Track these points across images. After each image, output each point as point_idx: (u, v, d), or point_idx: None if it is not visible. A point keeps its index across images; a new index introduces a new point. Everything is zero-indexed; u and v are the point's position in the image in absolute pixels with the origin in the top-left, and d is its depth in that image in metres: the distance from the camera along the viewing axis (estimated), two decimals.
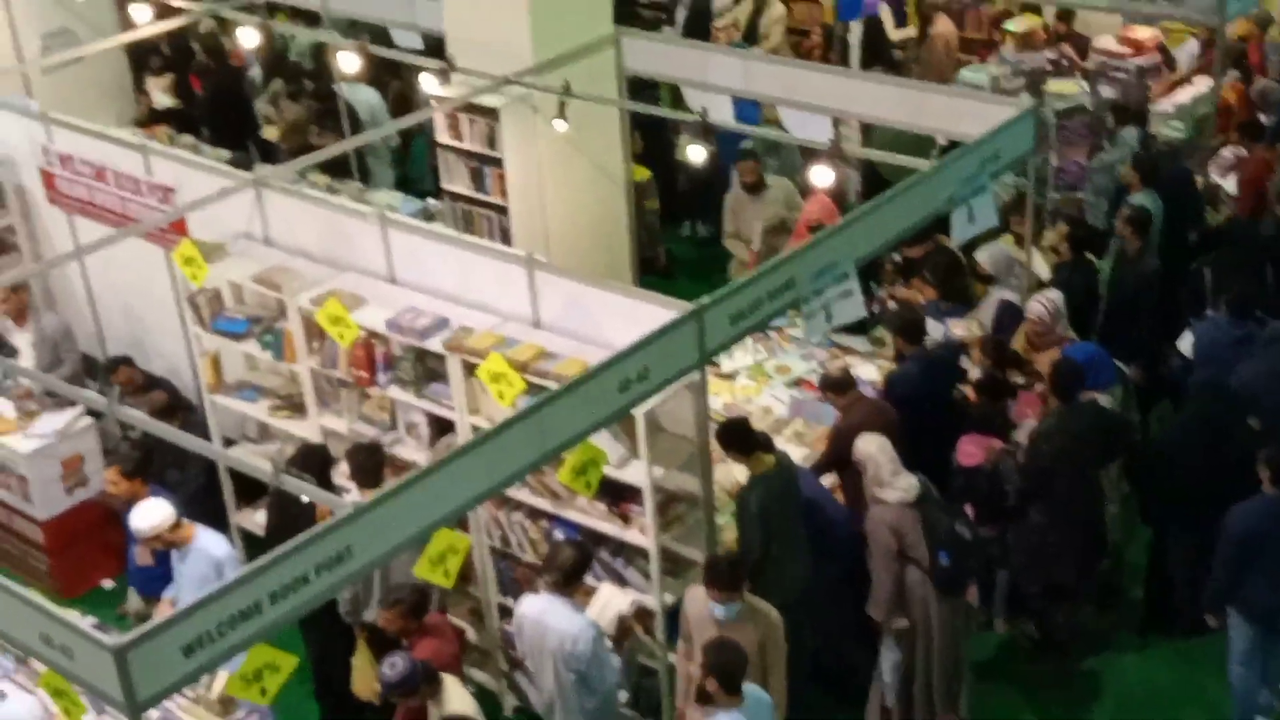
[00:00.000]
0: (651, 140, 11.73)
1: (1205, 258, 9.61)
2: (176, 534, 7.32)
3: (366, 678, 7.05)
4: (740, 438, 7.33)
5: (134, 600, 8.29)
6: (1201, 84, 11.59)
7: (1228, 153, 10.87)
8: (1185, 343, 8.98)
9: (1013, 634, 8.55)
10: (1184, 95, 11.57)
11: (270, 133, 12.75)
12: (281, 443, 8.55)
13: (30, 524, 9.26)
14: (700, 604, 6.67)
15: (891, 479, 7.41)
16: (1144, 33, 12.08)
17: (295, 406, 8.45)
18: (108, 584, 9.32)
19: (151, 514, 7.28)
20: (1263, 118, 10.98)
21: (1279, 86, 11.26)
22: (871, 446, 7.48)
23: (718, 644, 6.29)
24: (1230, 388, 8.31)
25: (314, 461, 7.61)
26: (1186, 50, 12.16)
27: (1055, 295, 8.82)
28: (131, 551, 8.00)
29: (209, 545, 7.35)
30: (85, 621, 5.55)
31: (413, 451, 7.95)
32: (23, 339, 9.77)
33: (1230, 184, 10.74)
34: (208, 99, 13.46)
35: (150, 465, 8.04)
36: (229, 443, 8.92)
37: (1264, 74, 11.73)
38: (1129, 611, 8.71)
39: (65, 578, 9.22)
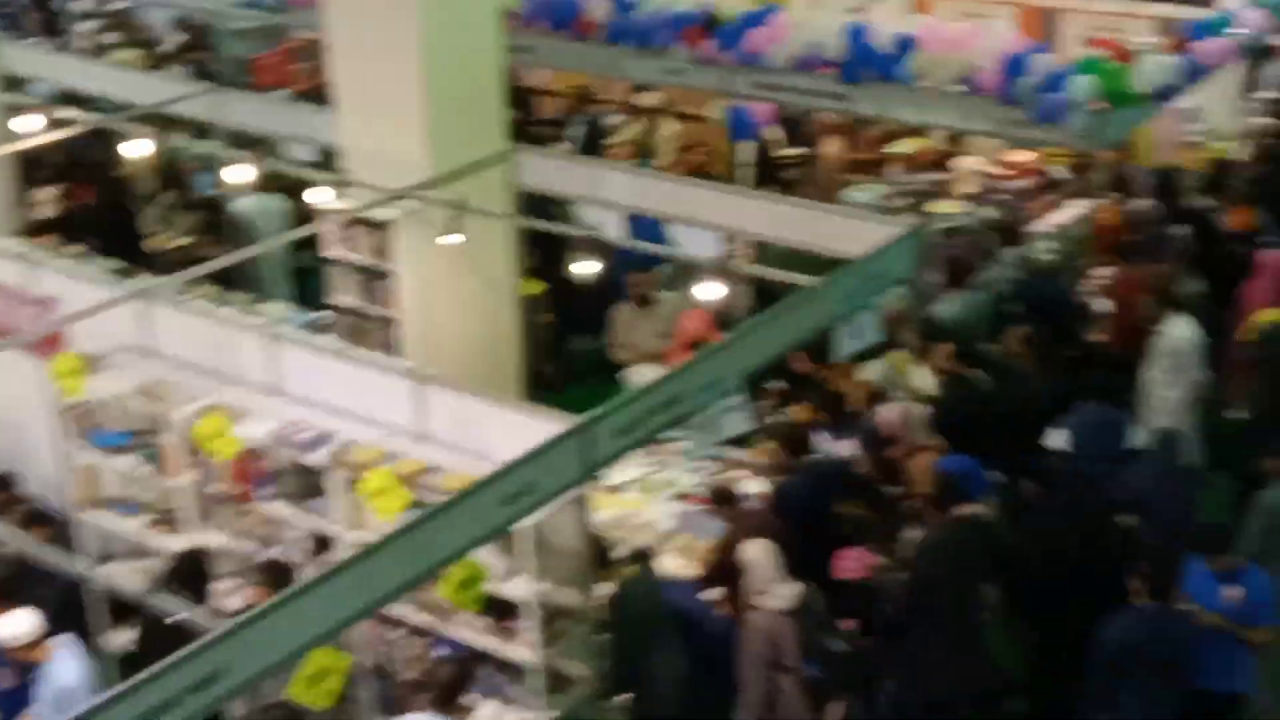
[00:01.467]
0: (547, 255, 11.73)
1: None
2: (32, 652, 7.08)
3: None
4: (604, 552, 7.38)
5: None
6: (1079, 205, 11.87)
7: (1103, 272, 11.07)
8: (1058, 437, 9.04)
9: None
10: (1062, 216, 11.84)
11: (159, 243, 12.64)
12: (158, 558, 8.32)
13: None
14: None
15: (771, 586, 7.43)
16: (1022, 156, 12.38)
17: (174, 521, 8.26)
18: None
19: (13, 624, 7.07)
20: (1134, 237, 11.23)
21: (1153, 208, 11.51)
22: (756, 552, 7.54)
23: None
24: (1102, 478, 8.49)
25: (191, 578, 7.47)
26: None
27: (911, 406, 8.92)
28: None
29: (59, 671, 7.09)
30: None
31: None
32: None
33: (1105, 303, 10.95)
34: (96, 209, 13.32)
35: (18, 582, 7.83)
36: (106, 558, 8.63)
37: (1133, 195, 12.00)
38: None
39: None
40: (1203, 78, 11.42)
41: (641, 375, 9.82)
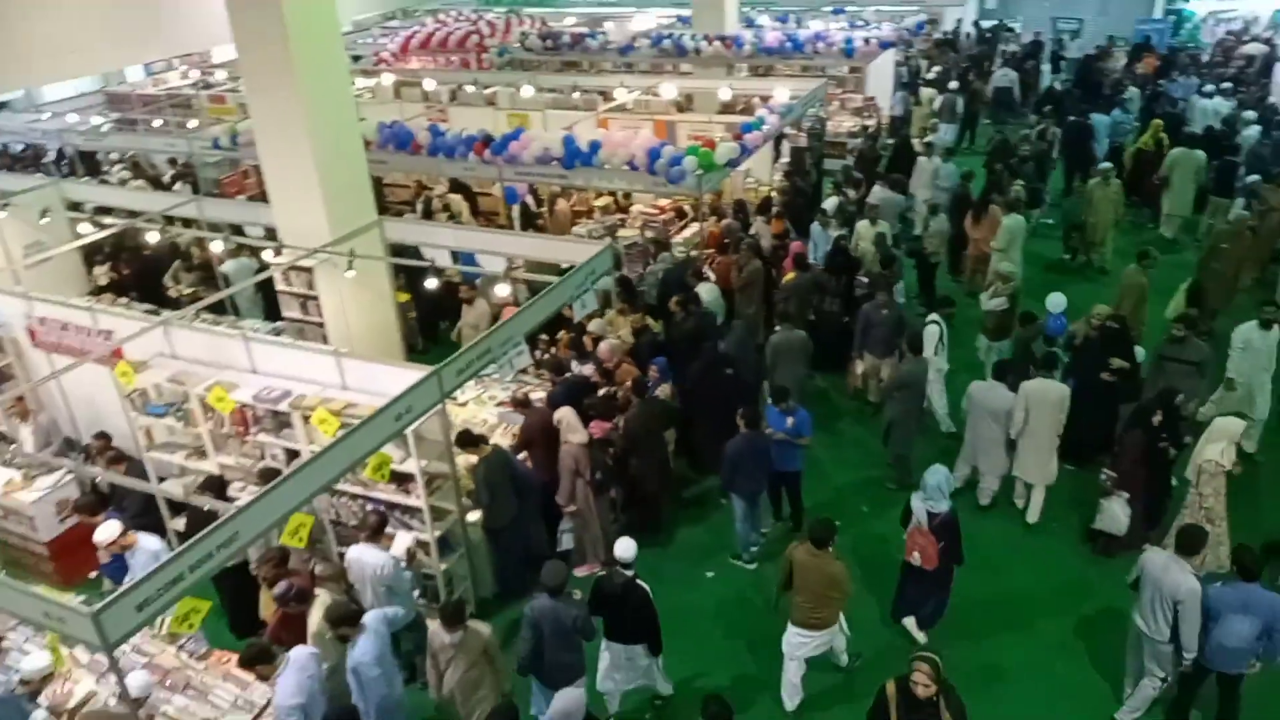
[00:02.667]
0: (410, 277, 11.31)
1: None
2: (123, 540, 6.65)
3: (269, 604, 6.63)
4: (467, 439, 7.24)
5: (107, 584, 7.45)
6: (694, 226, 12.08)
7: (710, 261, 11.29)
8: (728, 341, 9.13)
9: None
10: (688, 232, 12.03)
11: (174, 292, 11.82)
12: (194, 475, 7.85)
13: (38, 545, 8.23)
14: (439, 634, 5.86)
15: (574, 431, 7.51)
16: (663, 202, 12.56)
17: (200, 452, 7.85)
18: (93, 575, 8.31)
19: (104, 531, 6.63)
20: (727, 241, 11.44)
21: (736, 224, 11.77)
22: (565, 413, 7.60)
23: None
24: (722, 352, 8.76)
25: (214, 485, 7.12)
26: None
27: (617, 343, 8.94)
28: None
29: (146, 544, 6.68)
30: (74, 600, 5.01)
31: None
32: (25, 430, 8.84)
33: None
34: (132, 276, 12.34)
35: (106, 503, 7.34)
36: (163, 479, 8.07)
37: (724, 217, 12.25)
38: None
39: (65, 574, 8.18)
40: (752, 153, 11.85)
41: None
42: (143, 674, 5.63)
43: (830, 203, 12.41)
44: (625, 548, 6.13)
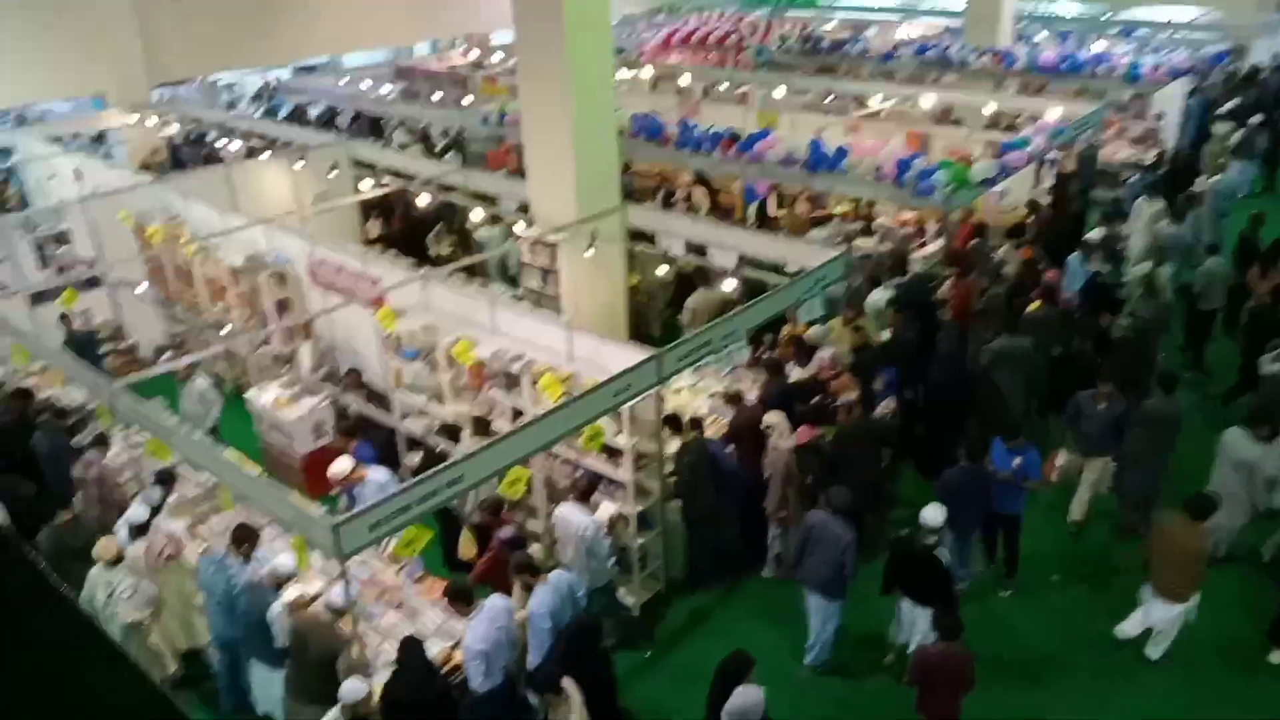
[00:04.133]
0: (642, 263, 11.67)
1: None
2: (354, 475, 7.21)
3: (469, 547, 7.08)
4: (674, 423, 7.36)
5: (344, 502, 8.25)
6: (938, 243, 11.63)
7: (949, 281, 10.83)
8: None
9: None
10: (929, 249, 11.56)
11: (434, 251, 12.83)
12: (432, 417, 8.53)
13: (295, 457, 9.26)
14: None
15: (783, 437, 7.46)
16: (907, 214, 12.18)
17: (440, 398, 8.46)
18: (334, 492, 9.26)
19: (338, 466, 7.23)
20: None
21: (983, 242, 11.26)
22: (775, 418, 7.56)
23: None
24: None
25: (450, 431, 7.64)
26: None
27: (837, 351, 8.75)
28: None
29: (375, 476, 7.21)
30: (319, 510, 5.59)
31: (504, 427, 7.87)
32: (305, 348, 9.81)
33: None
34: (401, 232, 13.54)
35: (358, 430, 8.05)
36: (405, 416, 8.87)
37: (973, 237, 11.73)
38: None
39: (313, 487, 9.12)
40: (1011, 174, 11.20)
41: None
42: (342, 587, 6.19)
43: (1095, 234, 11.45)
44: (935, 513, 6.33)
